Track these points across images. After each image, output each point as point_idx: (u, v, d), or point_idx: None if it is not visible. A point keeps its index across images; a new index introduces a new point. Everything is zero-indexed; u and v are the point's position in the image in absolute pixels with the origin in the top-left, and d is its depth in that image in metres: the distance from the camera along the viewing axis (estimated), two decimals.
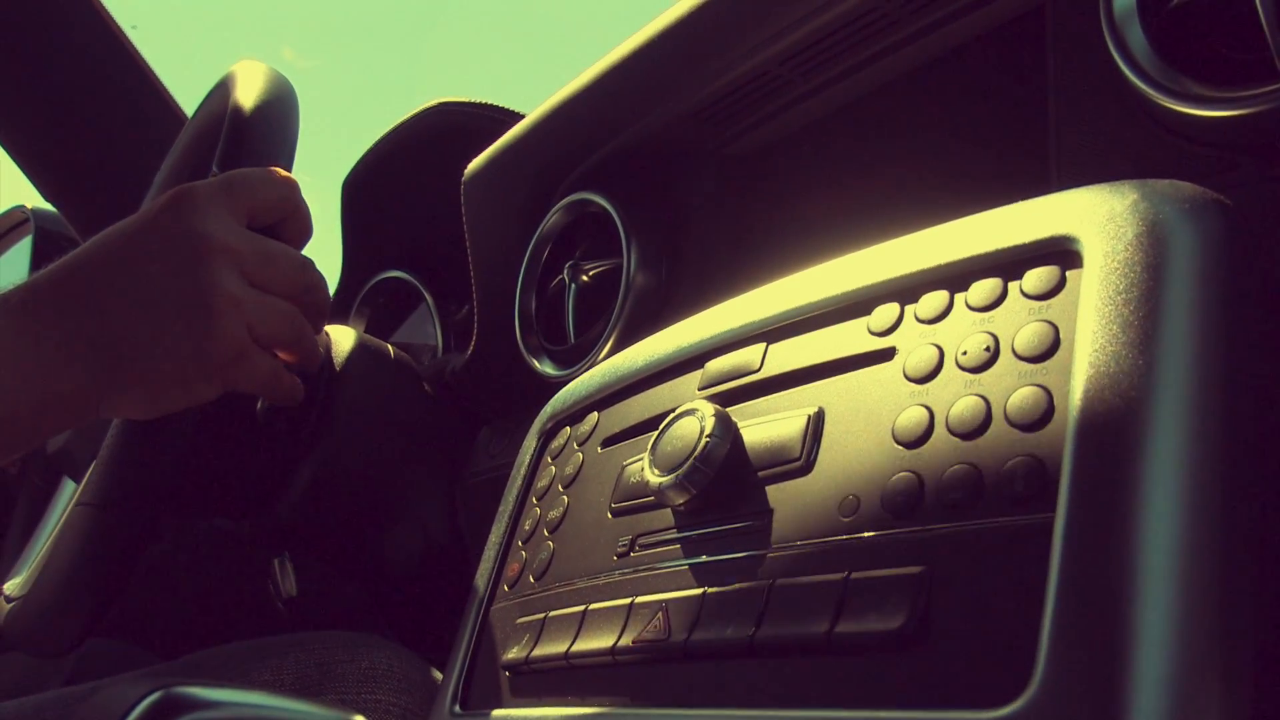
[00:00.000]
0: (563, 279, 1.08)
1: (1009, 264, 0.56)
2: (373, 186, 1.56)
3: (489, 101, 1.38)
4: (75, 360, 0.74)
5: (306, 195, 0.86)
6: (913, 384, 0.56)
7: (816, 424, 0.60)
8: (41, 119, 1.68)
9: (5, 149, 1.69)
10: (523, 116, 1.15)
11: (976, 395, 0.53)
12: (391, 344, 1.32)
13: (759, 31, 0.88)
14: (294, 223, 0.85)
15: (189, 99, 1.77)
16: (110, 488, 0.83)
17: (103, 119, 1.70)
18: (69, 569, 0.83)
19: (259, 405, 1.14)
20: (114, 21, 1.68)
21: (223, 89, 1.01)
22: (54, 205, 1.76)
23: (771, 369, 0.66)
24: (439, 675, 1.09)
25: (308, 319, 0.84)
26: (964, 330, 0.55)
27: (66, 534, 0.85)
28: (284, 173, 0.85)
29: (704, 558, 0.61)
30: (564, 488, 0.78)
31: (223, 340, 0.77)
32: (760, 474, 0.61)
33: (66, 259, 0.78)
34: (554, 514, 0.77)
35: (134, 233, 0.78)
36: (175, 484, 0.85)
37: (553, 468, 0.81)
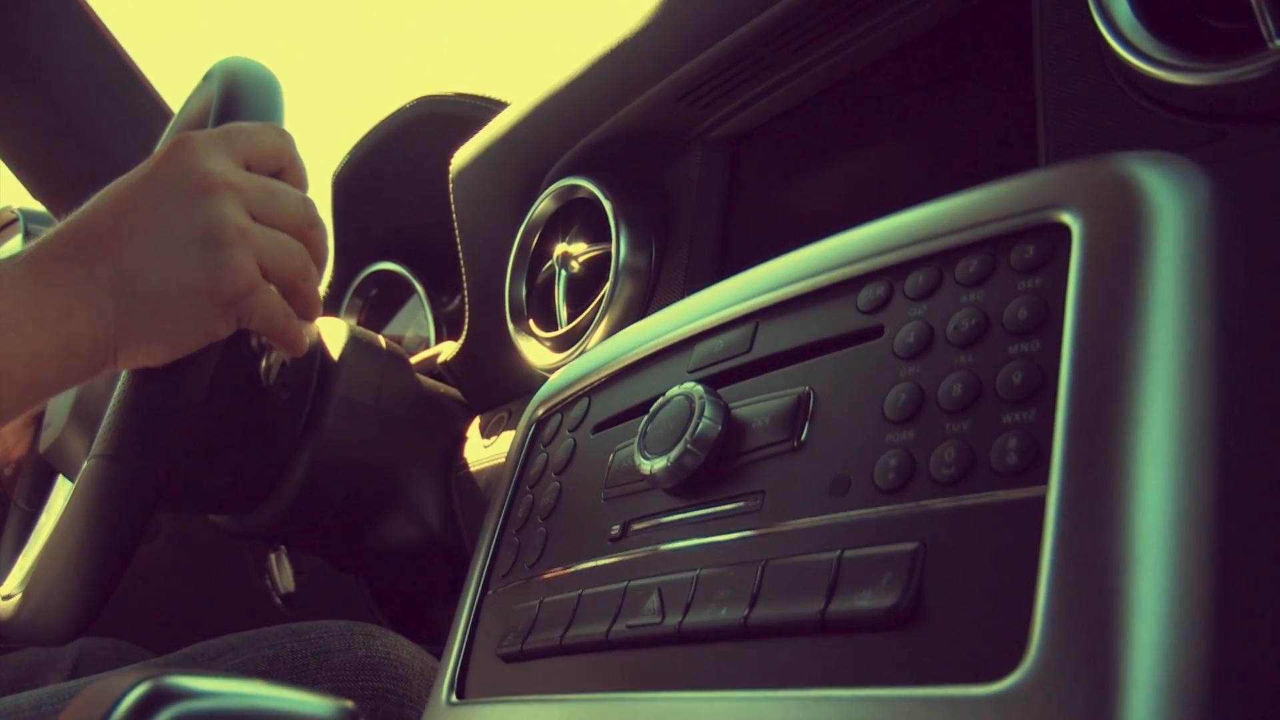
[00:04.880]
0: (553, 265, 1.08)
1: (997, 239, 0.55)
2: (362, 180, 1.56)
3: (473, 91, 1.38)
4: (91, 303, 0.75)
5: None
6: (902, 361, 0.56)
7: (807, 403, 0.60)
8: (29, 117, 1.67)
9: None
10: (507, 105, 1.15)
11: (966, 370, 0.53)
12: (384, 335, 1.32)
13: (741, 7, 0.88)
14: (291, 174, 0.86)
15: (175, 96, 1.77)
16: (122, 438, 0.82)
17: (90, 116, 1.69)
18: (84, 524, 0.81)
19: (263, 364, 1.13)
20: (99, 19, 1.67)
21: (209, 81, 1.01)
22: (43, 204, 1.75)
23: (761, 350, 0.66)
24: (436, 662, 1.09)
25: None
26: (953, 306, 0.55)
27: (79, 490, 0.83)
28: (279, 127, 0.86)
29: (696, 540, 0.61)
30: (556, 474, 0.78)
31: (234, 271, 0.78)
32: (751, 454, 0.61)
33: (72, 215, 0.79)
34: (547, 500, 0.77)
35: (137, 180, 0.79)
36: (186, 437, 0.84)
37: (545, 454, 0.81)
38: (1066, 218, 0.53)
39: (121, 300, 0.75)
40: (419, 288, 1.59)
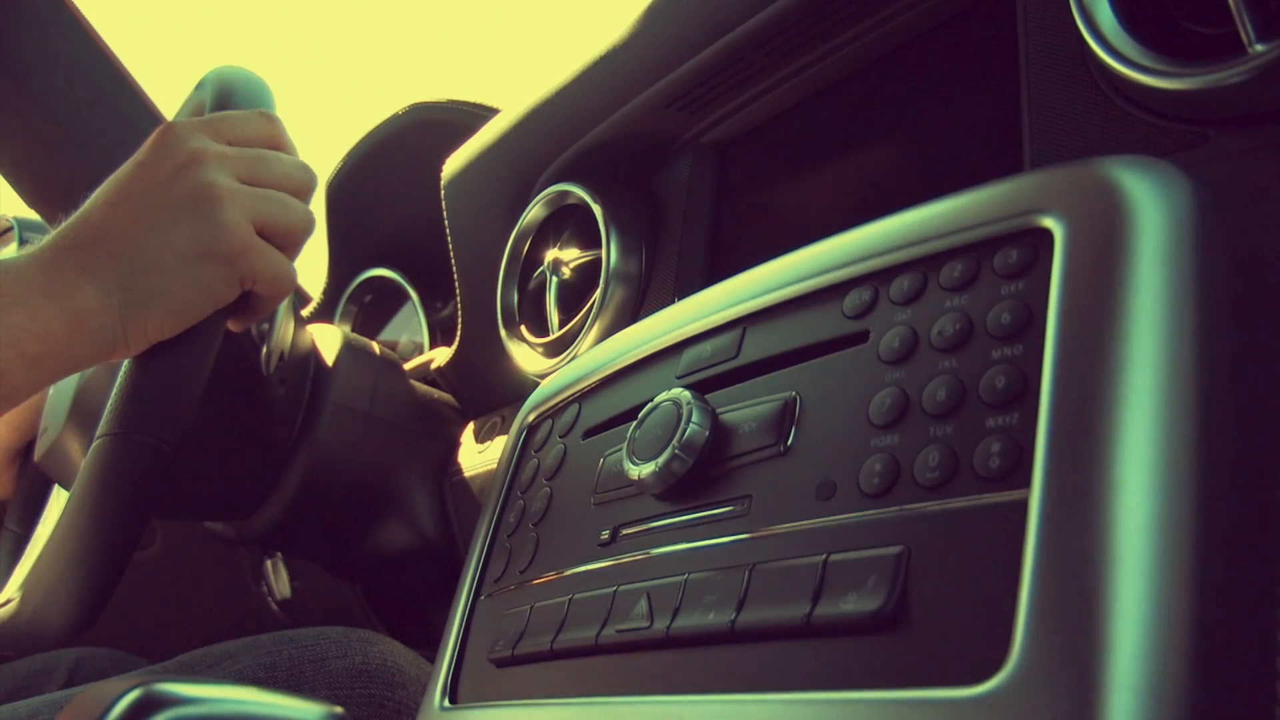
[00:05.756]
0: (544, 271, 1.08)
1: (980, 244, 0.56)
2: (354, 187, 1.56)
3: (464, 98, 1.38)
4: (95, 280, 0.77)
5: None
6: (887, 365, 0.56)
7: (793, 408, 0.60)
8: (22, 126, 1.67)
9: None
10: (498, 111, 1.15)
11: (950, 375, 0.53)
12: (378, 341, 1.32)
13: (726, 13, 0.88)
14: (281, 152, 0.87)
15: (169, 104, 1.77)
16: (128, 416, 0.82)
17: (84, 125, 1.69)
18: (92, 503, 0.81)
19: (263, 351, 1.13)
20: (93, 28, 1.68)
21: (201, 89, 1.01)
22: (37, 212, 1.75)
23: (748, 355, 0.66)
24: (432, 668, 1.09)
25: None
26: (937, 311, 0.56)
27: (85, 472, 0.83)
28: (266, 111, 0.88)
29: (684, 544, 0.61)
30: (547, 480, 0.78)
31: (227, 229, 0.80)
32: (739, 459, 0.61)
33: (73, 215, 0.81)
34: (538, 506, 0.77)
35: (127, 170, 0.81)
36: (190, 415, 0.84)
37: (536, 460, 0.81)
38: (1049, 222, 0.53)
39: (124, 277, 0.77)
40: (413, 294, 1.59)
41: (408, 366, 1.34)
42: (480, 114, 1.34)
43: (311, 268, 1.69)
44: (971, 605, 0.46)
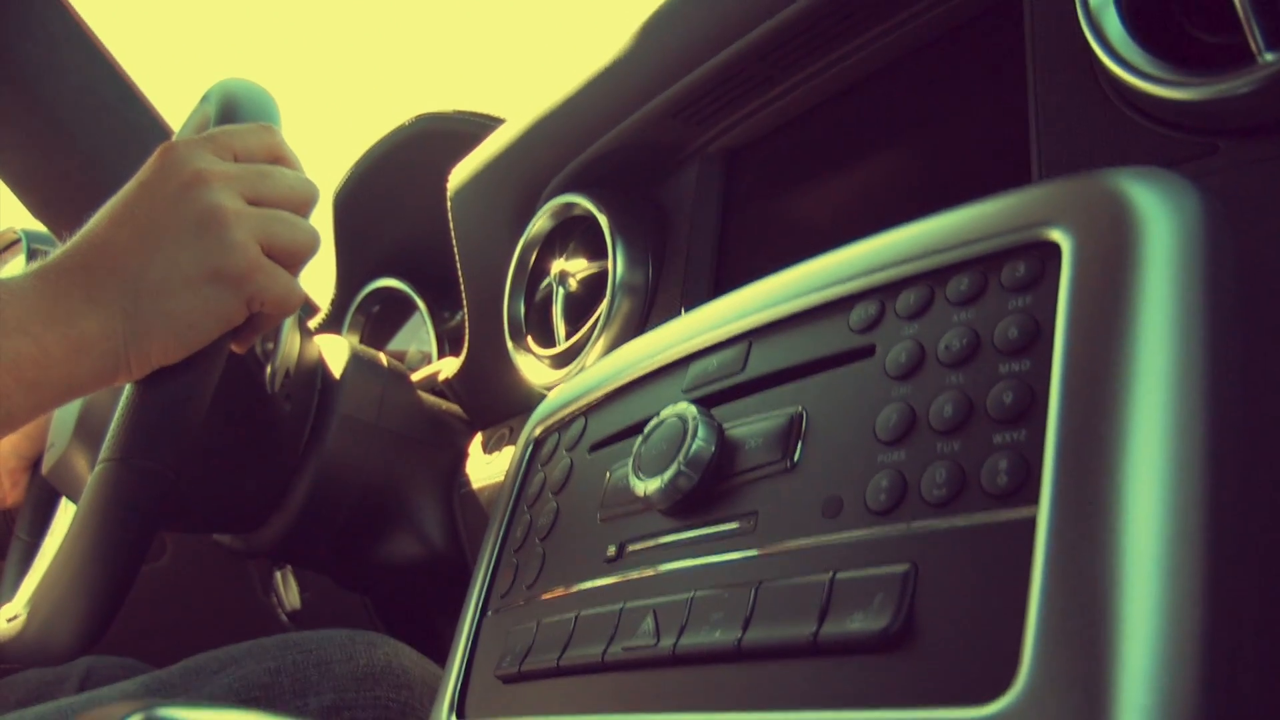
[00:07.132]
0: (550, 283, 1.08)
1: (988, 258, 0.55)
2: (362, 197, 1.56)
3: (470, 109, 1.38)
4: (98, 305, 0.76)
5: None
6: (894, 381, 0.56)
7: (799, 424, 0.60)
8: (29, 138, 1.68)
9: None
10: (504, 121, 1.15)
11: (957, 390, 0.52)
12: (386, 352, 1.32)
13: (732, 23, 0.88)
14: (284, 165, 0.86)
15: (175, 115, 1.77)
16: (130, 441, 0.81)
17: (91, 136, 1.70)
18: (93, 529, 0.80)
19: (268, 370, 1.13)
20: (98, 39, 1.68)
21: (206, 102, 1.01)
22: (45, 224, 1.75)
23: (754, 369, 0.66)
24: (438, 669, 1.09)
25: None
26: (944, 325, 0.55)
27: (87, 496, 0.83)
28: (266, 124, 0.87)
29: (691, 561, 0.61)
30: (554, 494, 0.78)
31: (234, 250, 0.78)
32: (745, 475, 0.61)
33: (75, 235, 0.80)
34: (544, 521, 0.77)
35: (130, 190, 0.80)
36: (193, 439, 0.83)
37: (543, 474, 0.81)
38: (1056, 235, 0.53)
39: (128, 300, 0.76)
40: (420, 304, 1.59)
41: (415, 377, 1.34)
42: (486, 124, 1.34)
43: (319, 279, 1.69)
44: (979, 624, 0.46)
